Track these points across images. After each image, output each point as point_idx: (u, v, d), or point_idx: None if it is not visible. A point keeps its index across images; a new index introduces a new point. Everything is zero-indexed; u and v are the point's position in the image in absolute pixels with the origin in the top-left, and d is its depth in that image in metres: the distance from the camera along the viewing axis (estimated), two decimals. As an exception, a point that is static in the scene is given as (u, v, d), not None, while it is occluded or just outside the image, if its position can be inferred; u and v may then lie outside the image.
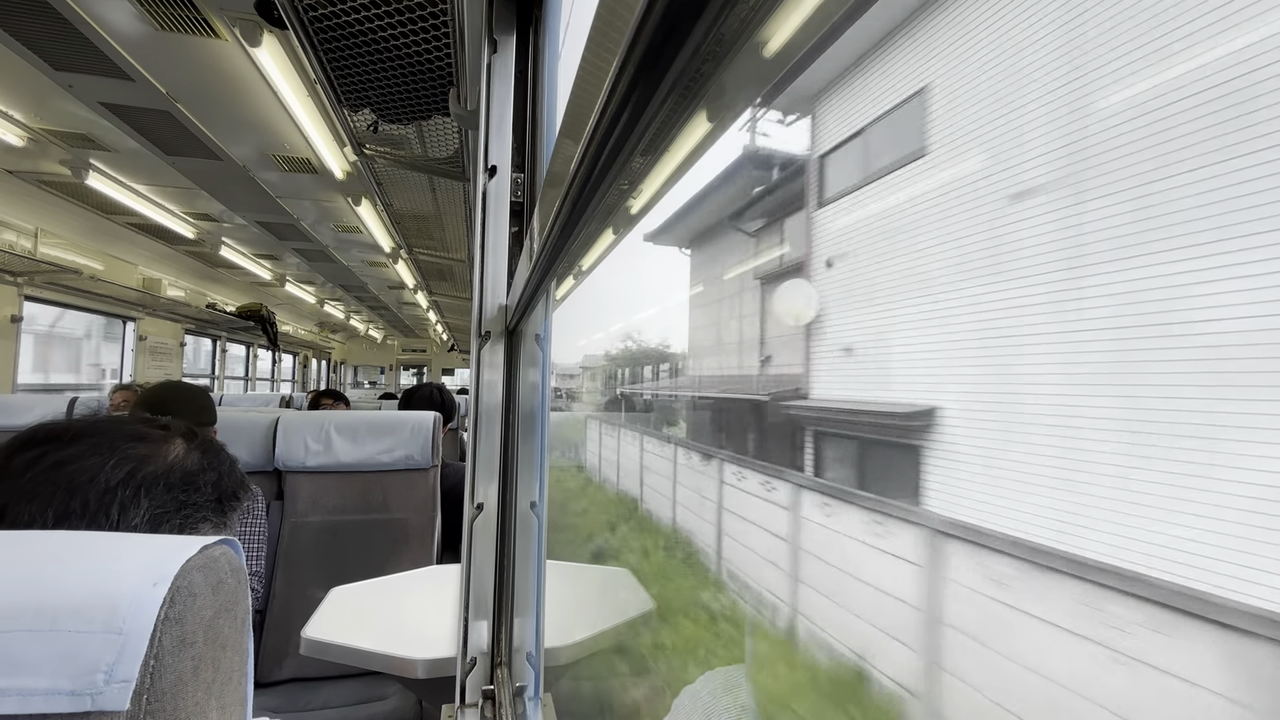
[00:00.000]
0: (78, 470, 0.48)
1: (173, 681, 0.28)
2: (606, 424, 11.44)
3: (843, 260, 6.34)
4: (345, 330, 10.97)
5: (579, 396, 23.63)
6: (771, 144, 8.68)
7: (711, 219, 10.29)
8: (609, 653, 3.79)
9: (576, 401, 22.94)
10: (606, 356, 21.94)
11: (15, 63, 2.14)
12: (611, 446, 10.48)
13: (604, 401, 18.66)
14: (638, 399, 15.32)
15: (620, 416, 13.56)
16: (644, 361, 17.50)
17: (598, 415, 13.45)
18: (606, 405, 17.81)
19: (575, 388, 24.90)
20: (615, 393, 16.53)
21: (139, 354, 5.21)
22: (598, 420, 12.31)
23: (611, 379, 19.88)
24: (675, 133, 0.34)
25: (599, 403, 19.46)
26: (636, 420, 12.81)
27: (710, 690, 3.19)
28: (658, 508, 7.95)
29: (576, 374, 25.65)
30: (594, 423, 12.28)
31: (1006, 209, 4.43)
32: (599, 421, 12.06)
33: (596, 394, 21.32)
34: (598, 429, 11.77)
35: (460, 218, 3.31)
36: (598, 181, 0.37)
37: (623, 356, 20.22)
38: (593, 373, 23.51)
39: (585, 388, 23.55)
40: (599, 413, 15.06)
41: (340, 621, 1.19)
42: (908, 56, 5.55)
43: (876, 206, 5.85)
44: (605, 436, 11.06)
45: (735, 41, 0.25)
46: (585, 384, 23.96)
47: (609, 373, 20.62)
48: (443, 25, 1.42)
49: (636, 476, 8.83)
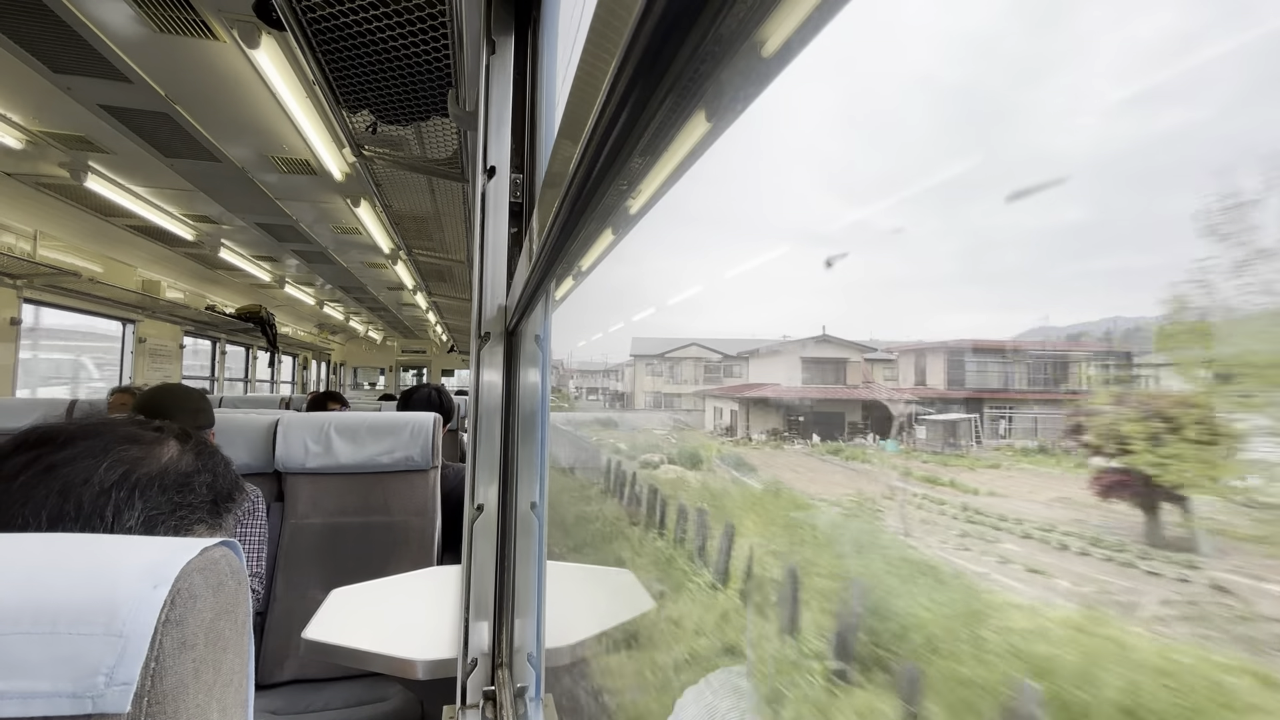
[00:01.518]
0: (71, 473, 0.47)
1: (174, 684, 0.28)
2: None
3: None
4: (345, 331, 10.97)
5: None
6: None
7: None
8: (610, 652, 3.78)
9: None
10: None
11: (14, 65, 2.14)
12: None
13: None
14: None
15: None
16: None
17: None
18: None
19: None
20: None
21: (138, 356, 5.21)
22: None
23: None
24: (674, 133, 0.34)
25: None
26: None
27: (714, 690, 3.19)
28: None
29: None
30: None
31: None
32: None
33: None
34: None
35: (459, 219, 3.31)
36: (597, 182, 0.37)
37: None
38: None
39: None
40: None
41: (341, 623, 1.19)
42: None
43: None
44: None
45: (734, 41, 0.25)
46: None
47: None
48: (441, 26, 1.42)
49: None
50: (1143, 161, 3.39)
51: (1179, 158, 3.13)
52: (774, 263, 12.82)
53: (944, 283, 14.23)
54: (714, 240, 22.50)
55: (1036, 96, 7.94)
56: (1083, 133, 3.83)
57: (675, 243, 19.08)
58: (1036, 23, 4.83)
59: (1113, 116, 3.58)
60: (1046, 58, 7.70)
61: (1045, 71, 8.03)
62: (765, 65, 0.28)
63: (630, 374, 17.83)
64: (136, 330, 5.19)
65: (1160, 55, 3.21)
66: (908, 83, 13.16)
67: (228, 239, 4.79)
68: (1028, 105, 8.33)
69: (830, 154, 18.83)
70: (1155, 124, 3.22)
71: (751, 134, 9.35)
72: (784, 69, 0.29)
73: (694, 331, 15.63)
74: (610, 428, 15.94)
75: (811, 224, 18.74)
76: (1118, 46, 3.64)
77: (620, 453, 11.13)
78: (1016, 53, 9.01)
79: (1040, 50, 7.75)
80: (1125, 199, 4.59)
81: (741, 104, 0.33)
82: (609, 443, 13.16)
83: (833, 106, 16.75)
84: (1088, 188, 4.23)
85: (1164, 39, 3.10)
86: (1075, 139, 3.72)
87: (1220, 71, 2.94)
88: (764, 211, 21.69)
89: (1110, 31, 3.65)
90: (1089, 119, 3.76)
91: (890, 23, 12.02)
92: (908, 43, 12.33)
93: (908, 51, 12.19)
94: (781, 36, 0.26)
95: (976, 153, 4.59)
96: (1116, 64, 3.56)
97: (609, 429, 15.84)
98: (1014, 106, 9.37)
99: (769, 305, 20.59)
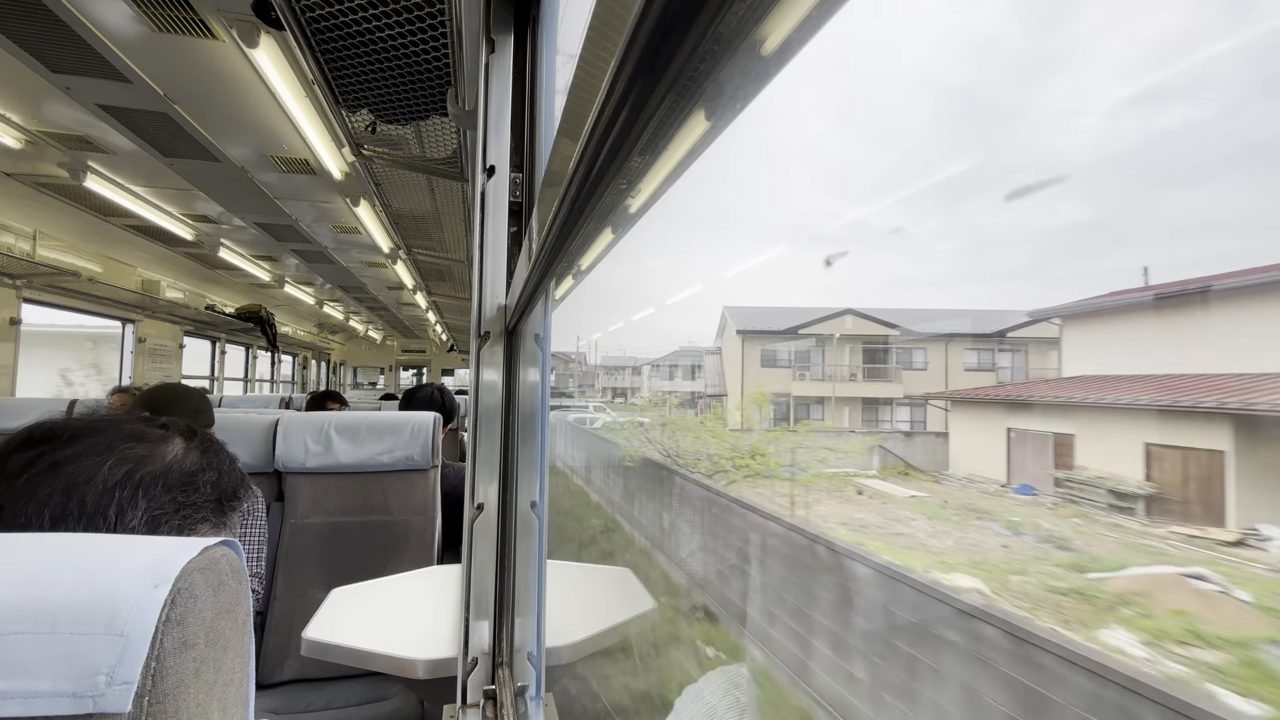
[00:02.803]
0: (75, 471, 0.47)
1: (174, 683, 0.28)
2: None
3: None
4: (344, 331, 10.96)
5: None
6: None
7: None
8: (612, 651, 3.78)
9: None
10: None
11: (12, 65, 2.13)
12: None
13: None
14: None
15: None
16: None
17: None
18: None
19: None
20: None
21: (138, 356, 5.20)
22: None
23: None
24: (674, 132, 0.34)
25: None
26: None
27: (713, 689, 3.19)
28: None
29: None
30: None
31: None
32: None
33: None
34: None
35: (459, 218, 3.31)
36: (596, 181, 0.37)
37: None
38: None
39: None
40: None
41: (341, 622, 1.19)
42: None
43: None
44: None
45: (734, 40, 0.25)
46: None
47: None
48: (440, 25, 1.42)
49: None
50: (1144, 161, 3.35)
51: (1179, 158, 3.11)
52: (774, 261, 12.55)
53: (944, 281, 14.19)
54: (714, 239, 22.45)
55: (1036, 96, 7.90)
56: (1084, 133, 3.79)
57: (675, 242, 18.96)
58: (1037, 22, 4.80)
59: (1115, 116, 3.55)
60: (1047, 56, 7.65)
61: (1045, 71, 7.99)
62: (765, 64, 0.28)
63: (714, 365, 10.35)
64: (136, 330, 5.18)
65: (1163, 54, 3.19)
66: (908, 81, 13.13)
67: (227, 239, 4.79)
68: (1028, 105, 8.29)
69: (830, 152, 18.79)
70: (1157, 123, 3.20)
71: (751, 133, 9.26)
72: (783, 67, 0.29)
73: (694, 331, 14.18)
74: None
75: (811, 223, 18.71)
76: (1119, 46, 3.61)
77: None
78: (1017, 51, 8.97)
79: (1041, 49, 7.71)
80: (1126, 199, 4.53)
81: (741, 103, 0.33)
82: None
83: (833, 105, 16.71)
84: (1088, 187, 4.17)
85: (1166, 38, 3.07)
86: (1076, 139, 3.69)
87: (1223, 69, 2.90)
88: (764, 210, 21.65)
89: (1111, 31, 3.61)
90: (1090, 118, 3.73)
91: (890, 21, 12.01)
92: (908, 41, 12.31)
93: (908, 49, 12.17)
94: (781, 35, 0.26)
95: (977, 151, 4.56)
96: (1118, 63, 3.53)
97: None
98: (1015, 106, 9.32)
99: (769, 303, 20.60)
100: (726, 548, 4.81)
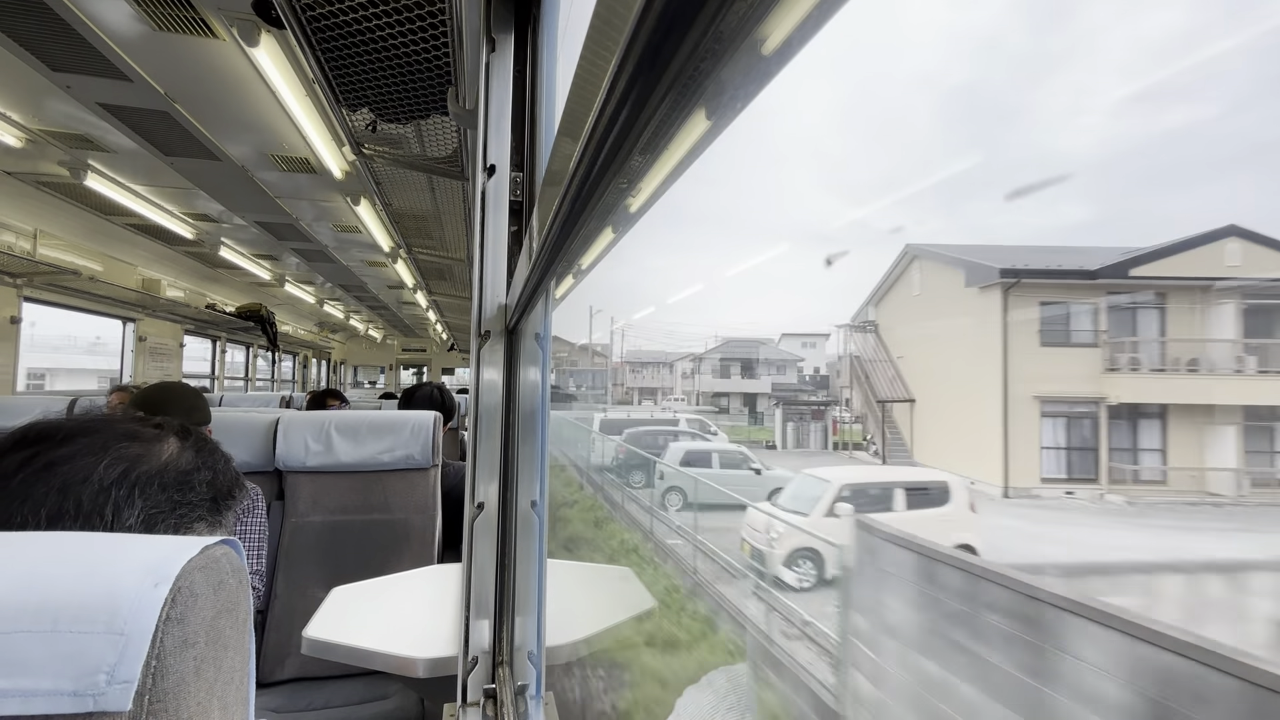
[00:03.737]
0: (71, 470, 0.47)
1: (175, 682, 0.28)
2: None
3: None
4: (345, 330, 10.97)
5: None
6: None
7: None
8: (612, 651, 3.79)
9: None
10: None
11: (12, 63, 2.13)
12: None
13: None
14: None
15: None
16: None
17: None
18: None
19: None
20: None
21: (138, 355, 5.21)
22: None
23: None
24: (674, 131, 0.34)
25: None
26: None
27: (714, 689, 3.19)
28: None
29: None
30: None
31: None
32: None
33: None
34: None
35: (459, 217, 3.31)
36: (597, 180, 0.37)
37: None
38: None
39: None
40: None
41: (342, 621, 1.19)
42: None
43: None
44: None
45: (734, 39, 0.25)
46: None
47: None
48: (440, 24, 1.42)
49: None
50: (1146, 160, 3.30)
51: (1179, 158, 3.09)
52: (774, 260, 12.51)
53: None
54: (715, 238, 22.41)
55: (1037, 96, 7.81)
56: (1086, 133, 3.77)
57: (676, 241, 18.95)
58: (1037, 21, 4.73)
59: (1117, 115, 3.54)
60: (1049, 56, 7.59)
61: (1047, 70, 7.92)
62: (765, 63, 0.28)
63: (870, 349, 6.56)
64: (137, 329, 5.19)
65: (1164, 54, 3.18)
66: (909, 80, 13.08)
67: (228, 237, 4.79)
68: (1030, 104, 8.22)
69: (830, 151, 18.76)
70: (1159, 122, 3.20)
71: (752, 132, 9.30)
72: (784, 66, 0.29)
73: (692, 331, 13.72)
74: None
75: (812, 222, 18.68)
76: (1120, 44, 3.59)
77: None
78: (1018, 50, 8.93)
79: (1043, 48, 7.63)
80: (1127, 198, 4.42)
81: (742, 102, 0.33)
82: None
83: (833, 104, 16.67)
84: (1089, 186, 4.11)
85: (1169, 37, 3.06)
86: (1078, 139, 3.68)
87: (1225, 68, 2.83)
88: (764, 209, 21.62)
89: (1112, 30, 3.60)
90: (1092, 118, 3.72)
91: (892, 20, 11.97)
92: (909, 40, 12.27)
93: (909, 48, 12.13)
94: (782, 34, 0.26)
95: (978, 151, 4.52)
96: (1119, 62, 3.52)
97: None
98: (1016, 105, 9.26)
99: (768, 303, 20.54)
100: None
